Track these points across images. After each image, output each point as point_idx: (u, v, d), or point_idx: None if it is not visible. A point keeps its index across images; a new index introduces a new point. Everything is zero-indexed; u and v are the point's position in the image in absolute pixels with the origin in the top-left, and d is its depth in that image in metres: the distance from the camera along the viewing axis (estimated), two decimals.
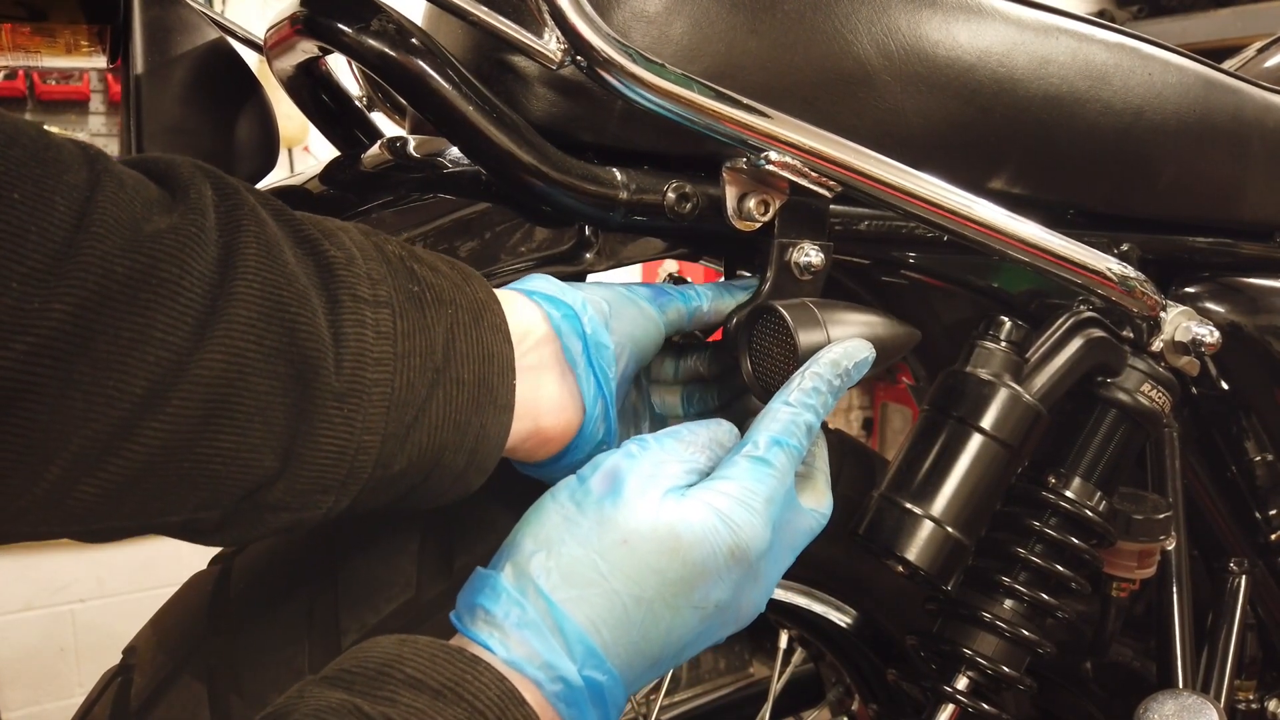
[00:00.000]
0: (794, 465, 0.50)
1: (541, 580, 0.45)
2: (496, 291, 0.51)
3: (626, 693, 0.46)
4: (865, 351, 0.55)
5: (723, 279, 0.64)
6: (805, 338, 0.54)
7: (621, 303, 0.55)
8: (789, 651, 1.06)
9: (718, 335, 0.60)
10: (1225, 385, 0.84)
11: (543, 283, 0.53)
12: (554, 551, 0.46)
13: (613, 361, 0.53)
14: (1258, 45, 1.20)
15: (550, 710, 0.44)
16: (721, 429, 0.52)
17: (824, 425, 0.56)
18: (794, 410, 0.51)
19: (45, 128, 0.37)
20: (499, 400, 0.48)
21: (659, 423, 0.61)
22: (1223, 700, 0.82)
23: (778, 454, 0.49)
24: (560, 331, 0.52)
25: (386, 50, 0.51)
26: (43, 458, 0.35)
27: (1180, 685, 0.77)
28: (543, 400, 0.51)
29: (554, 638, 0.44)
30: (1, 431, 0.34)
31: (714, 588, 0.47)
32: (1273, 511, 0.88)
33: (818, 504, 0.54)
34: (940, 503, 0.60)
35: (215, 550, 0.62)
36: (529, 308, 0.52)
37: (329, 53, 0.58)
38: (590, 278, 0.63)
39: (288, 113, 0.66)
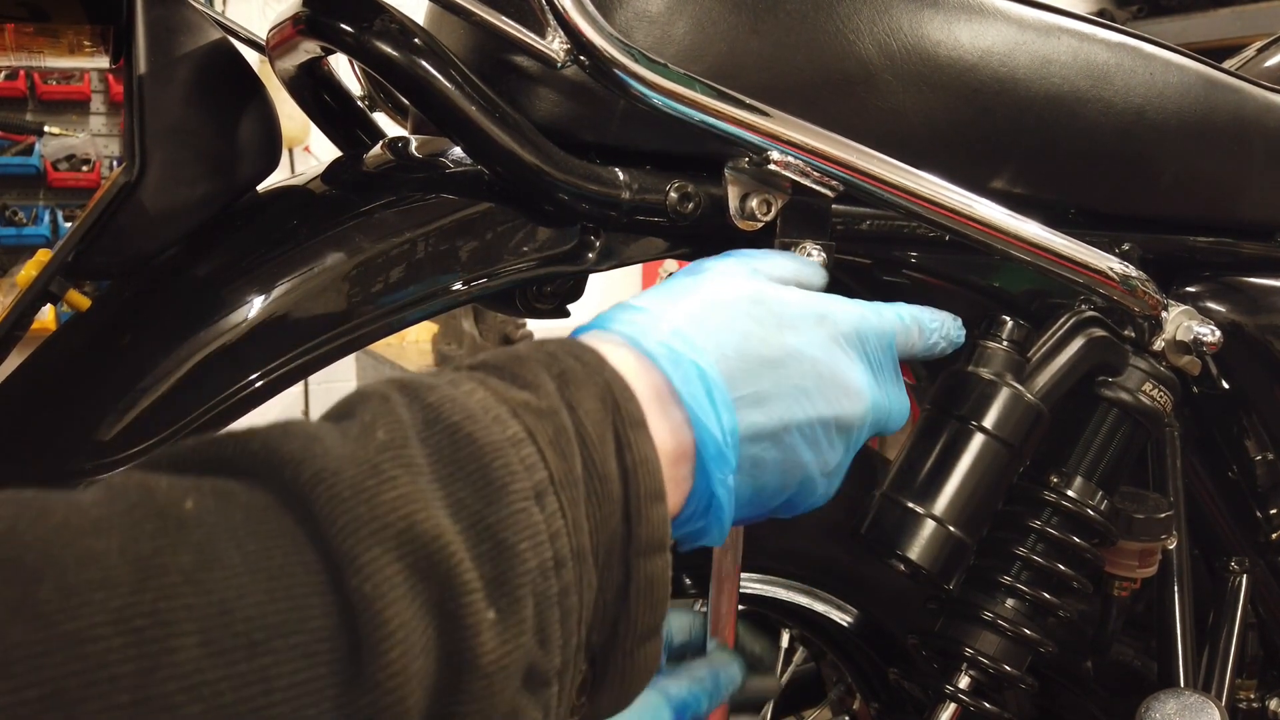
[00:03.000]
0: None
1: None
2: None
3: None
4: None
5: None
6: None
7: None
8: (790, 650, 1.06)
9: None
10: (1226, 385, 0.84)
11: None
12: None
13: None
14: (1258, 45, 1.20)
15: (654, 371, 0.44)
16: None
17: None
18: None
19: None
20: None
21: None
22: (1224, 699, 0.82)
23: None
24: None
25: (389, 50, 0.51)
26: None
27: (1181, 684, 0.77)
28: None
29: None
30: None
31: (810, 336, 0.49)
32: (1274, 510, 0.88)
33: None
34: (942, 502, 0.60)
35: None
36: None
37: (331, 53, 0.58)
38: (591, 278, 0.63)
39: (289, 113, 0.66)
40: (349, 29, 0.51)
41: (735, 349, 0.47)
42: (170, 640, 0.27)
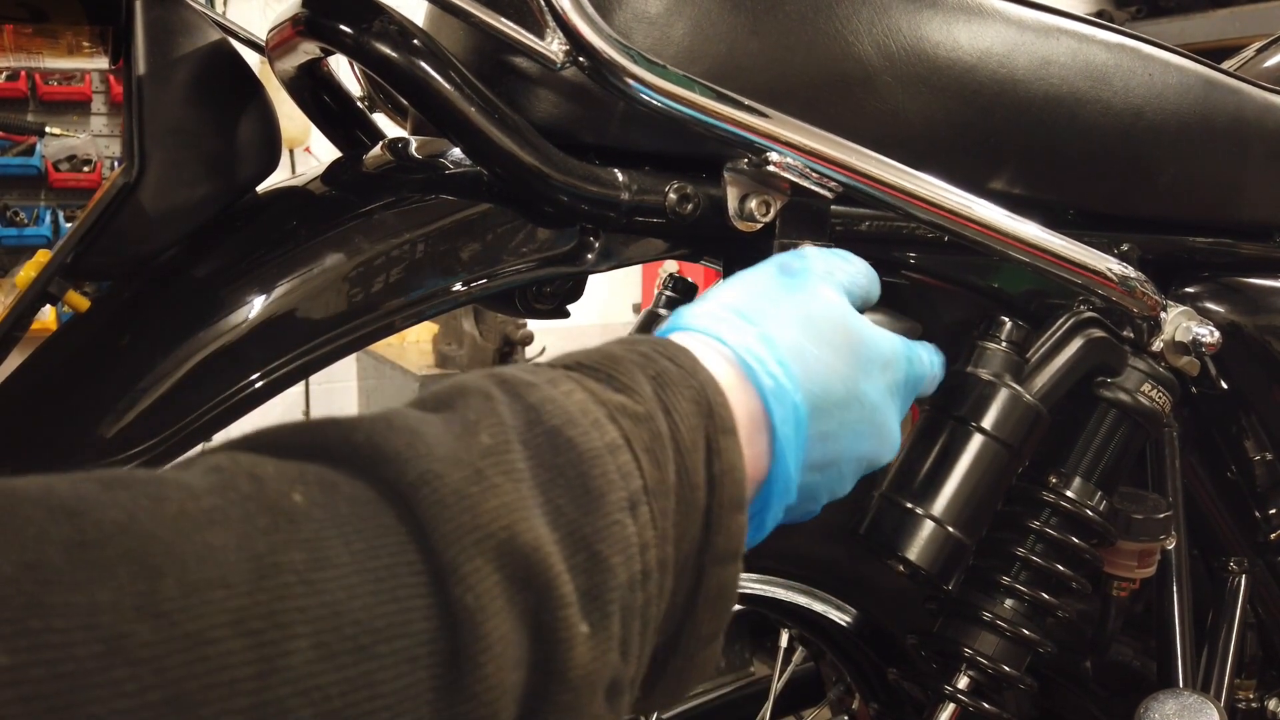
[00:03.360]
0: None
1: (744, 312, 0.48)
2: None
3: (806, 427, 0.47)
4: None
5: None
6: None
7: None
8: (790, 650, 1.06)
9: None
10: (1225, 385, 0.84)
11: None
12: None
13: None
14: (1257, 45, 1.20)
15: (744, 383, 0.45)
16: None
17: None
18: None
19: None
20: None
21: None
22: (1223, 699, 0.82)
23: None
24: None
25: (388, 51, 0.51)
26: None
27: (1180, 684, 0.77)
28: None
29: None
30: None
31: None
32: (1272, 511, 0.88)
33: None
34: (941, 502, 0.61)
35: None
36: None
37: (331, 54, 0.58)
38: (592, 278, 0.63)
39: (289, 114, 0.66)
40: (348, 30, 0.52)
41: (822, 388, 0.47)
42: (285, 643, 0.27)
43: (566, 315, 0.65)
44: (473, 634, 0.30)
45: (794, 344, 0.47)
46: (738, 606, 0.68)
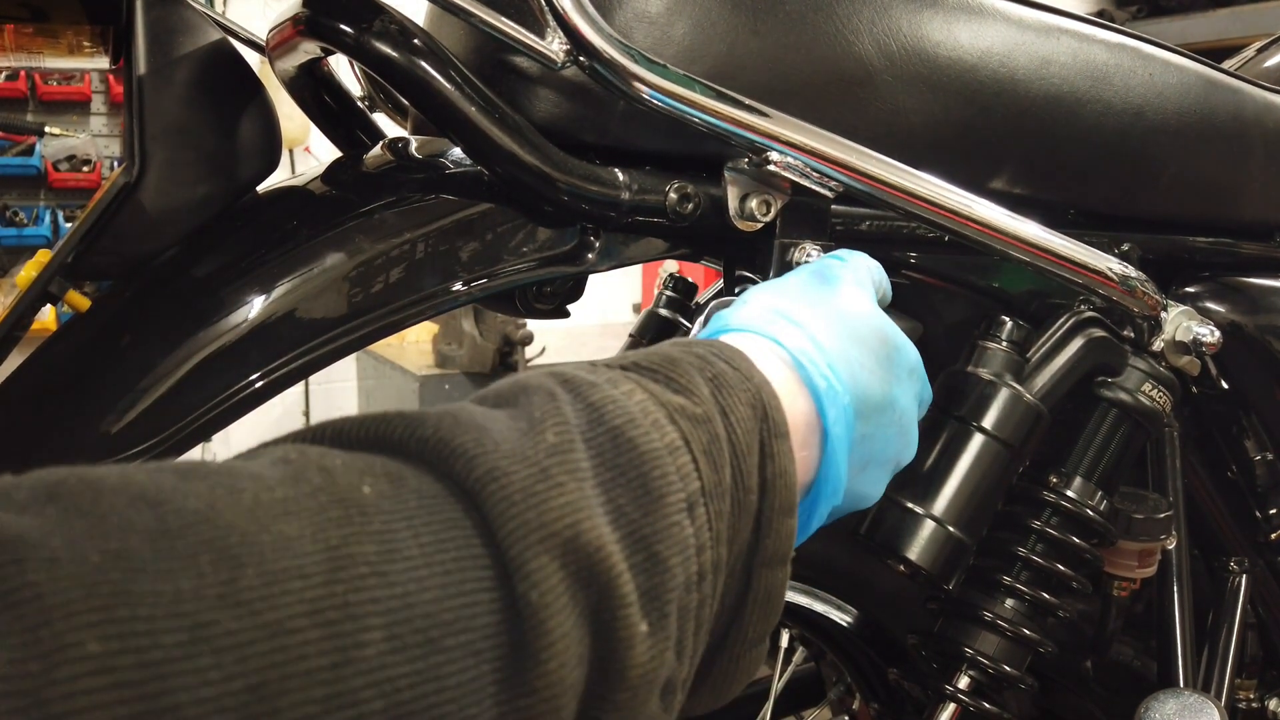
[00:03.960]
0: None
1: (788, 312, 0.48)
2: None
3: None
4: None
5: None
6: None
7: None
8: (790, 650, 1.06)
9: None
10: (1226, 385, 0.84)
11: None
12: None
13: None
14: (1258, 45, 1.20)
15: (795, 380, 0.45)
16: None
17: None
18: None
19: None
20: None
21: None
22: (1223, 699, 0.82)
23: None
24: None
25: (389, 51, 0.51)
26: None
27: (1181, 684, 0.77)
28: None
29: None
30: None
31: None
32: (1273, 510, 0.88)
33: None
34: (942, 502, 0.60)
35: None
36: None
37: (331, 53, 0.58)
38: (592, 278, 0.63)
39: (289, 113, 0.66)
40: (349, 29, 0.51)
41: (864, 391, 0.48)
42: (360, 635, 0.27)
43: (567, 315, 0.65)
44: (536, 630, 0.30)
45: (839, 348, 0.47)
46: None
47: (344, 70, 0.70)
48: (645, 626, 0.33)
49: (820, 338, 0.47)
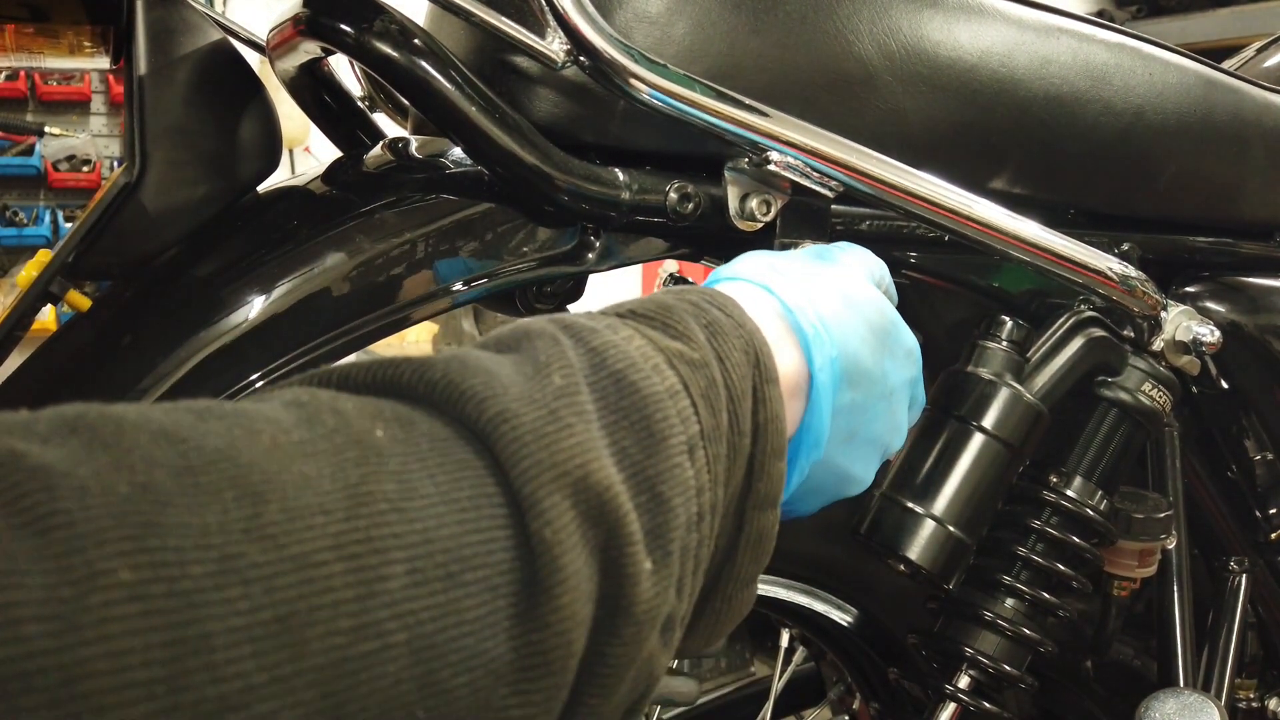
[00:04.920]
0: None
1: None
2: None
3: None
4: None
5: None
6: None
7: None
8: (790, 650, 1.06)
9: None
10: (1225, 384, 0.84)
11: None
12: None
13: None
14: (1257, 45, 1.20)
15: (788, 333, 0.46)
16: None
17: None
18: None
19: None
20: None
21: None
22: (1224, 699, 0.82)
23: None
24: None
25: (389, 51, 0.51)
26: None
27: (1181, 684, 0.77)
28: None
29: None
30: None
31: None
32: (1273, 510, 0.88)
33: None
34: (942, 502, 0.61)
35: None
36: None
37: (331, 53, 0.58)
38: (592, 278, 0.63)
39: (289, 113, 0.66)
40: (349, 29, 0.52)
41: (854, 352, 0.48)
42: (383, 568, 0.28)
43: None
44: (549, 566, 0.31)
45: (832, 307, 0.48)
46: None
47: (344, 70, 0.70)
48: (650, 564, 0.34)
49: (813, 293, 0.48)
